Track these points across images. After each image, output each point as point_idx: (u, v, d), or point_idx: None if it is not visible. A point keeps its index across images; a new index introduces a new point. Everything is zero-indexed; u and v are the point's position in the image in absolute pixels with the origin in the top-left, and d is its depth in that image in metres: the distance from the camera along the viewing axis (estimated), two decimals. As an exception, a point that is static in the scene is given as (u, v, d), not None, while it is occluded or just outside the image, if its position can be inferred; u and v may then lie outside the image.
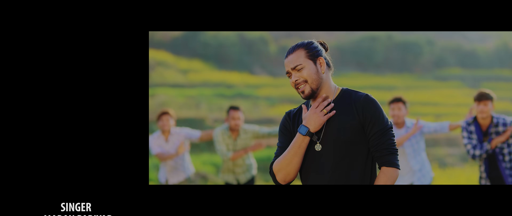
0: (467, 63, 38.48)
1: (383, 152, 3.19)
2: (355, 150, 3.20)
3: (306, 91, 3.25)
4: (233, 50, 33.99)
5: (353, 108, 3.22)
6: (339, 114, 3.23)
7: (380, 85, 29.36)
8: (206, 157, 15.97)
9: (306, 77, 3.24)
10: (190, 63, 31.47)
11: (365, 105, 3.21)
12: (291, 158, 3.22)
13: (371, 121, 3.19)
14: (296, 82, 3.26)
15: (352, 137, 3.19)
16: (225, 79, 28.95)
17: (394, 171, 3.18)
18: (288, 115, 3.40)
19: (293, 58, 3.27)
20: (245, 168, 7.69)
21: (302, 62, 3.25)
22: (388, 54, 37.58)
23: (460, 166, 16.21)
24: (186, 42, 33.73)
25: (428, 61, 38.35)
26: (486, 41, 43.36)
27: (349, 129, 3.19)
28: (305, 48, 3.27)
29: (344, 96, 3.29)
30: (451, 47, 39.96)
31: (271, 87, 27.82)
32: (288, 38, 37.12)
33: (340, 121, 3.21)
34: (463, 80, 33.74)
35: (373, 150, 3.20)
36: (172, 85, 26.01)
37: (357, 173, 3.20)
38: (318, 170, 3.22)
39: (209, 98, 24.18)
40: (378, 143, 3.19)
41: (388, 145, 3.20)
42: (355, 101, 3.24)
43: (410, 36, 39.23)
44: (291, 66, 3.26)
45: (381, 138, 3.19)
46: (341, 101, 3.27)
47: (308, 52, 3.27)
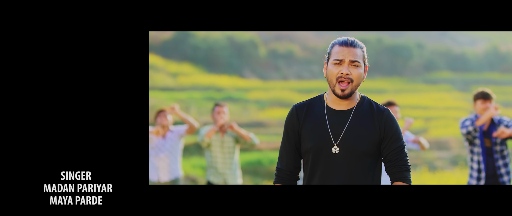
0: (457, 66, 38.64)
1: (402, 168, 3.23)
2: (368, 161, 3.21)
3: (347, 91, 3.18)
4: (223, 54, 34.00)
5: (376, 121, 3.23)
6: (360, 123, 3.22)
7: (370, 88, 29.42)
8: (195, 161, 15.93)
9: (355, 78, 3.18)
10: (180, 67, 31.46)
11: (387, 120, 3.23)
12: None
13: (392, 137, 3.22)
14: (344, 76, 3.16)
15: (369, 150, 3.20)
16: (214, 82, 28.97)
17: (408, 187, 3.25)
18: (296, 111, 3.31)
19: (357, 52, 3.19)
20: (233, 171, 7.70)
21: (361, 62, 3.20)
22: (378, 57, 37.68)
23: (450, 169, 16.23)
24: (176, 45, 33.70)
25: (418, 65, 38.48)
26: (475, 45, 43.55)
27: (369, 142, 3.20)
28: (363, 50, 3.24)
29: (365, 105, 3.28)
30: (441, 51, 40.13)
31: (261, 90, 27.85)
32: (277, 41, 37.16)
33: (360, 131, 3.20)
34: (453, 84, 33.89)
35: (390, 165, 3.23)
36: (162, 88, 25.98)
37: (367, 181, 3.23)
38: (332, 172, 3.22)
39: (199, 101, 24.16)
40: (397, 158, 3.22)
41: (405, 162, 3.24)
42: (378, 114, 3.24)
43: (399, 39, 39.36)
44: (351, 58, 3.17)
45: (399, 154, 3.22)
46: (363, 110, 3.26)
47: (364, 56, 3.24)
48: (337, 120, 3.22)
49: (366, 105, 3.26)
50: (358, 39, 3.29)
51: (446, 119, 22.33)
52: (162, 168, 7.91)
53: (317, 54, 35.85)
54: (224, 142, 7.69)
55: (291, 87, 30.11)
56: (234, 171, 7.74)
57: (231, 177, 7.72)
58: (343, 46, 3.19)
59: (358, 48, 3.20)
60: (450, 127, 20.64)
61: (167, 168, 7.94)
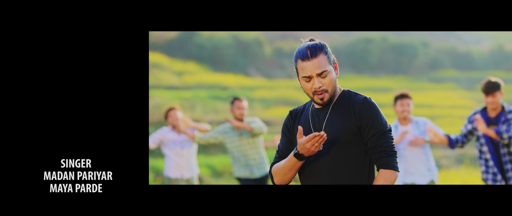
0: (462, 65, 38.57)
1: (381, 155, 3.16)
2: (351, 151, 3.18)
3: (325, 99, 3.20)
4: (228, 52, 34.00)
5: (351, 110, 3.20)
6: (337, 115, 3.22)
7: (375, 87, 29.39)
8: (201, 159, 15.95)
9: (328, 86, 3.18)
10: (185, 65, 31.47)
11: (362, 108, 3.18)
12: (286, 172, 3.22)
13: (369, 123, 3.16)
14: (318, 89, 3.18)
15: (347, 138, 3.17)
16: (220, 81, 28.96)
17: (392, 173, 3.15)
18: (290, 115, 3.36)
19: (319, 63, 3.16)
20: (259, 162, 7.68)
21: (327, 68, 3.17)
22: (383, 56, 37.64)
23: (455, 167, 16.22)
24: (181, 44, 33.71)
25: (423, 63, 38.42)
26: (481, 43, 43.47)
27: (345, 131, 3.17)
28: (325, 52, 3.19)
29: (344, 97, 3.27)
30: (446, 49, 40.06)
31: (266, 89, 27.83)
32: (283, 39, 37.14)
33: (337, 123, 3.20)
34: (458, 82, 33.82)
35: (371, 153, 3.18)
36: (167, 87, 26.00)
37: (353, 174, 3.19)
38: (316, 170, 3.22)
39: (204, 100, 24.16)
40: (375, 145, 3.16)
41: (386, 148, 3.17)
42: (353, 103, 3.21)
43: (405, 38, 39.30)
44: (317, 71, 3.16)
45: (378, 140, 3.16)
46: (341, 102, 3.25)
47: (328, 57, 3.20)
48: (318, 118, 3.25)
49: (345, 98, 3.25)
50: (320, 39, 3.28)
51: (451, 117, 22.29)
52: (184, 165, 7.95)
53: (322, 52, 35.71)
54: (241, 134, 7.68)
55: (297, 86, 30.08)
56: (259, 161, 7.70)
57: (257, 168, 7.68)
58: (305, 60, 3.17)
59: (320, 55, 3.17)
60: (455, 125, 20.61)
61: (188, 164, 7.99)
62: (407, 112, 6.94)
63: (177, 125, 7.94)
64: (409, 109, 6.95)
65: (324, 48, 3.20)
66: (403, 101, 6.96)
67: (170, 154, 7.96)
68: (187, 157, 7.95)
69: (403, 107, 6.95)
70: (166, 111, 8.08)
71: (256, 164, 7.63)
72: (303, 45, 3.24)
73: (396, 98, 7.02)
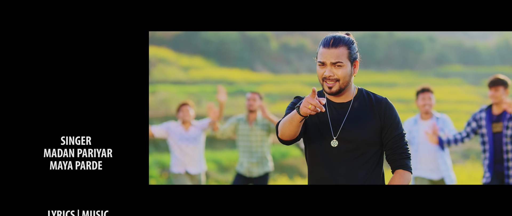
0: (468, 60, 38.49)
1: (402, 155, 3.24)
2: (370, 151, 3.23)
3: (334, 89, 3.21)
4: (234, 47, 33.99)
5: (375, 110, 3.25)
6: (359, 113, 3.25)
7: (381, 82, 29.36)
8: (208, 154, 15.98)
9: (340, 77, 3.19)
10: (191, 60, 31.48)
11: (387, 108, 3.24)
12: (287, 125, 3.17)
13: (392, 125, 3.24)
14: (328, 77, 3.20)
15: (372, 138, 3.22)
16: (226, 76, 28.96)
17: (409, 174, 3.25)
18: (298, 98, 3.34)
19: (337, 53, 3.18)
20: (260, 160, 7.69)
21: (343, 61, 3.19)
22: (390, 51, 37.58)
23: (462, 163, 16.22)
24: (188, 39, 33.73)
25: (429, 58, 38.35)
26: (487, 38, 43.34)
27: (371, 130, 3.22)
28: (348, 47, 3.22)
29: (363, 96, 3.30)
30: (452, 44, 39.97)
31: (272, 84, 27.83)
32: (289, 35, 37.12)
33: (361, 121, 3.23)
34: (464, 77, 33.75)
35: (390, 153, 3.25)
36: (173, 82, 26.02)
37: (369, 172, 3.24)
38: (332, 166, 3.24)
39: (210, 95, 24.18)
40: (396, 146, 3.24)
41: (406, 150, 3.26)
42: (377, 102, 3.26)
43: (411, 33, 39.21)
44: (332, 60, 3.18)
45: (399, 142, 3.24)
46: (361, 101, 3.28)
47: (350, 52, 3.22)
48: (337, 113, 3.26)
49: (364, 96, 3.29)
50: (351, 35, 3.29)
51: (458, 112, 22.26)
52: (188, 162, 7.91)
53: (329, 47, 35.63)
54: (252, 132, 7.69)
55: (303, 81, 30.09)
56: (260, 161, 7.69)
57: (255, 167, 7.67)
58: (326, 47, 3.20)
59: (341, 47, 3.19)
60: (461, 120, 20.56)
61: (193, 162, 7.94)
62: (429, 105, 6.97)
63: (186, 121, 7.94)
64: (431, 103, 6.98)
65: (349, 43, 3.22)
66: (424, 95, 7.00)
67: (174, 149, 7.96)
68: (192, 154, 7.91)
69: (425, 101, 6.98)
70: (179, 105, 8.05)
71: (257, 161, 7.63)
72: (332, 34, 3.26)
73: (417, 93, 7.06)
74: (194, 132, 7.92)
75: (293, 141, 3.25)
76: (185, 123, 7.93)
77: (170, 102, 20.94)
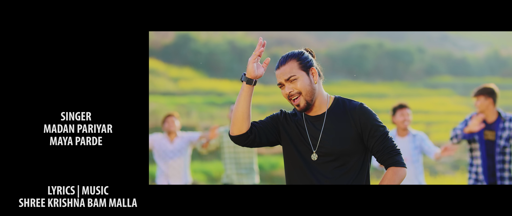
0: (458, 71, 38.61)
1: (391, 153, 3.22)
2: (351, 161, 3.21)
3: (302, 104, 3.22)
4: (224, 58, 33.98)
5: (350, 118, 3.22)
6: (336, 124, 3.22)
7: (371, 93, 29.40)
8: (197, 165, 15.92)
9: (300, 89, 3.20)
10: (181, 71, 31.44)
11: (361, 114, 3.21)
12: (236, 106, 3.22)
13: (371, 129, 3.21)
14: (290, 94, 3.22)
15: (350, 148, 3.20)
16: (215, 87, 28.95)
17: (403, 170, 3.22)
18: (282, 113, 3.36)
19: (286, 69, 3.22)
20: (249, 171, 7.60)
21: (296, 73, 3.21)
22: (379, 62, 37.66)
23: (451, 174, 16.22)
24: (177, 50, 33.70)
25: (419, 69, 38.46)
26: (476, 49, 43.53)
27: (348, 140, 3.20)
28: (297, 59, 3.24)
29: (338, 105, 3.28)
30: (442, 55, 40.11)
31: (262, 95, 27.82)
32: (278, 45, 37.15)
33: (337, 131, 3.21)
34: (454, 88, 33.85)
35: (379, 155, 3.23)
36: (163, 93, 25.97)
37: (351, 180, 3.21)
38: (313, 180, 3.21)
39: (200, 106, 24.15)
40: (383, 147, 3.21)
41: (392, 148, 3.23)
42: (351, 110, 3.23)
43: (400, 44, 39.35)
44: (284, 77, 3.22)
45: (385, 142, 3.22)
46: (336, 110, 3.26)
47: (301, 63, 3.23)
48: (313, 127, 3.25)
49: (339, 105, 3.26)
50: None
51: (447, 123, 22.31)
52: (172, 175, 7.85)
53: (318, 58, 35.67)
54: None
55: (292, 92, 30.05)
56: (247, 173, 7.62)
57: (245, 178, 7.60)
58: (277, 69, 3.27)
59: (289, 62, 3.23)
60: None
61: (177, 174, 7.87)
62: (408, 122, 6.97)
63: (172, 132, 7.89)
64: (409, 119, 6.97)
65: (296, 55, 3.25)
66: (403, 111, 6.99)
67: (158, 161, 7.93)
68: (176, 166, 7.86)
69: (404, 116, 6.97)
70: (164, 117, 8.00)
71: (246, 173, 7.58)
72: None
73: (394, 109, 7.03)
74: (179, 143, 7.85)
75: (244, 137, 3.24)
76: (170, 134, 7.89)
77: (159, 113, 20.86)
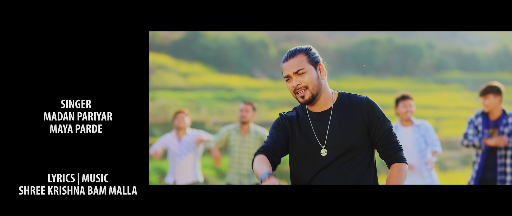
0: (467, 66, 38.49)
1: (395, 149, 3.28)
2: (360, 154, 3.24)
3: (307, 97, 3.23)
4: (233, 54, 33.99)
5: (358, 111, 3.25)
6: (343, 118, 3.24)
7: (380, 88, 29.36)
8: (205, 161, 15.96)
9: (308, 83, 3.22)
10: (190, 67, 31.47)
11: (369, 107, 3.25)
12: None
13: (378, 123, 3.25)
14: (297, 87, 3.23)
15: (359, 142, 3.23)
16: (225, 82, 28.95)
17: (406, 166, 3.28)
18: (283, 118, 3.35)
19: (295, 62, 3.24)
20: (251, 172, 7.59)
21: (305, 67, 3.23)
22: (388, 57, 37.59)
23: (461, 169, 16.21)
24: (186, 45, 33.73)
25: (428, 65, 38.36)
26: (486, 44, 43.37)
27: (357, 133, 3.23)
28: (306, 53, 3.26)
29: (343, 100, 3.30)
30: (451, 51, 39.98)
31: (271, 90, 27.82)
32: (288, 41, 37.13)
33: (345, 125, 3.23)
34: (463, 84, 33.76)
35: (383, 149, 3.28)
36: (172, 88, 26.01)
37: (360, 175, 3.23)
38: (323, 175, 3.23)
39: (209, 101, 24.18)
40: (388, 142, 3.27)
41: (397, 143, 3.30)
42: (358, 104, 3.26)
43: (410, 39, 39.25)
44: (293, 70, 3.23)
45: (390, 137, 3.27)
46: (342, 105, 3.28)
47: (309, 57, 3.26)
48: (320, 122, 3.26)
49: (345, 100, 3.29)
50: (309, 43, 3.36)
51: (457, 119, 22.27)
52: (179, 172, 7.84)
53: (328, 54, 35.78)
54: (244, 143, 7.64)
55: (301, 87, 30.00)
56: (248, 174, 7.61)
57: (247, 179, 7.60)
58: (284, 62, 3.28)
59: (298, 56, 3.25)
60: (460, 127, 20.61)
61: (184, 172, 7.85)
62: (410, 112, 6.97)
63: (181, 128, 7.89)
64: (412, 110, 6.97)
65: (305, 50, 3.27)
66: (406, 102, 6.99)
67: (169, 161, 7.95)
68: (183, 164, 7.83)
69: (406, 107, 6.97)
70: (175, 113, 8.01)
71: (248, 174, 7.57)
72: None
73: (397, 100, 7.05)
74: (186, 140, 7.84)
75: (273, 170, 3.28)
76: (179, 130, 7.89)
77: (169, 108, 20.92)
